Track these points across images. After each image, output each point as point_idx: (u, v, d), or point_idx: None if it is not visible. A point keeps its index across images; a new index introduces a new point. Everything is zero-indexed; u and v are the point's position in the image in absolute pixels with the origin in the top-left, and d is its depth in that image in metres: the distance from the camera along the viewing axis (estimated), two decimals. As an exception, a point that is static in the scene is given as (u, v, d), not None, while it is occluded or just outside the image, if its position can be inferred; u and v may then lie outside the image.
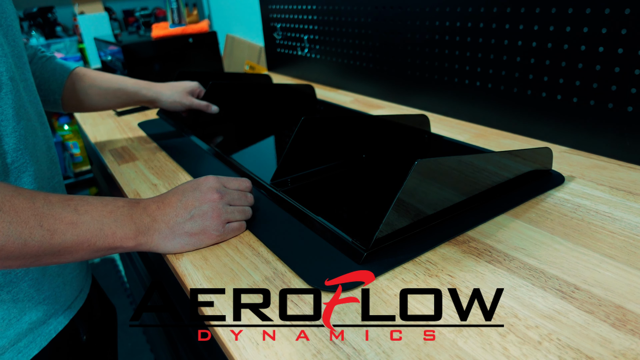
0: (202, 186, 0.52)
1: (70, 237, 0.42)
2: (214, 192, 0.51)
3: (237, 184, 0.55)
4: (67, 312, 0.57)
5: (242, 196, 0.54)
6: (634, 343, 0.34)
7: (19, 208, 0.40)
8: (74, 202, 0.44)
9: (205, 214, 0.50)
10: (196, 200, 0.50)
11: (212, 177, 0.53)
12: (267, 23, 1.44)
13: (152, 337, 1.23)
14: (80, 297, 0.61)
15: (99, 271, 2.10)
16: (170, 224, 0.49)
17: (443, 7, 0.85)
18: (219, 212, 0.51)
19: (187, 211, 0.49)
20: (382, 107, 1.03)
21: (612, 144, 0.66)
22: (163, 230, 0.48)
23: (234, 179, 0.55)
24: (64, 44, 2.02)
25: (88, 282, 0.65)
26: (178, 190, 0.52)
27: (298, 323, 0.39)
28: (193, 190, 0.51)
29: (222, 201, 0.51)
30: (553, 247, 0.47)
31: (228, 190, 0.53)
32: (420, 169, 0.45)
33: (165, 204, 0.50)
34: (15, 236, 0.39)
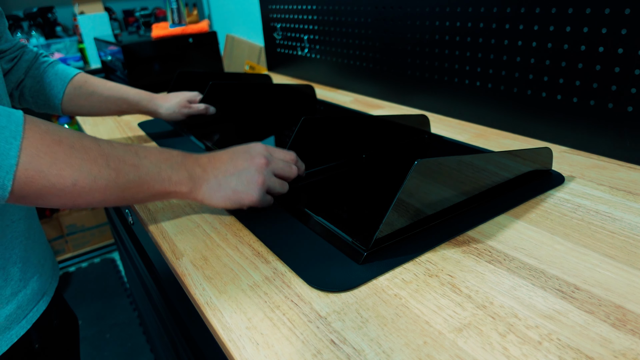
0: (252, 150, 0.55)
1: (133, 177, 0.46)
2: (263, 157, 0.54)
3: (283, 155, 0.58)
4: (30, 316, 0.56)
5: (286, 167, 0.57)
6: (634, 343, 0.34)
7: (88, 147, 0.43)
8: (134, 148, 0.48)
9: (252, 176, 0.53)
10: (245, 161, 0.54)
11: (261, 145, 0.57)
12: (267, 23, 1.44)
13: (152, 337, 1.23)
14: (43, 301, 0.60)
15: (98, 271, 2.10)
16: (219, 177, 0.52)
17: (443, 7, 0.85)
18: (264, 178, 0.54)
19: (236, 169, 0.53)
20: (382, 107, 1.03)
21: (612, 144, 0.66)
22: (211, 182, 0.52)
23: (280, 150, 0.59)
24: (64, 44, 2.02)
25: (53, 286, 0.64)
26: (229, 151, 0.55)
27: (298, 323, 0.39)
28: (244, 152, 0.55)
29: (268, 168, 0.54)
30: (553, 247, 0.47)
31: (274, 158, 0.56)
32: (420, 169, 0.45)
33: (216, 159, 0.54)
34: (87, 172, 0.42)
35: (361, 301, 0.41)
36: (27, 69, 0.76)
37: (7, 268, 0.53)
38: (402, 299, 0.41)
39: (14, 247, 0.54)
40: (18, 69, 0.75)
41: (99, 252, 2.22)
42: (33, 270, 0.58)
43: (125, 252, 1.09)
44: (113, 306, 1.85)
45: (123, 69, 1.54)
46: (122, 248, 1.18)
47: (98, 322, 1.76)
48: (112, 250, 2.25)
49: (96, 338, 1.67)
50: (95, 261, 2.19)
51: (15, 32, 2.00)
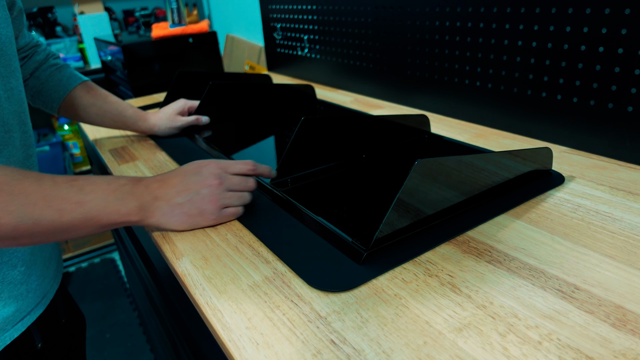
0: (204, 170, 0.54)
1: (78, 215, 0.45)
2: (214, 177, 0.53)
3: (239, 168, 0.57)
4: (27, 319, 0.56)
5: (242, 182, 0.56)
6: (634, 343, 0.34)
7: (29, 191, 0.43)
8: (79, 183, 0.46)
9: (204, 198, 0.52)
10: (196, 184, 0.52)
11: (214, 163, 0.55)
12: (267, 23, 1.44)
13: (152, 337, 1.23)
14: (43, 302, 0.60)
15: (98, 271, 2.10)
16: (171, 202, 0.51)
17: (443, 7, 0.85)
18: (217, 198, 0.53)
19: (187, 193, 0.52)
20: (382, 107, 1.03)
21: (612, 144, 0.66)
22: (163, 208, 0.51)
23: (236, 163, 0.57)
24: (64, 44, 2.02)
25: (54, 287, 0.64)
26: (180, 172, 0.54)
27: (298, 323, 0.39)
28: (194, 174, 0.53)
29: (221, 187, 0.53)
30: (553, 247, 0.47)
31: (229, 175, 0.55)
32: (420, 169, 0.45)
33: (167, 183, 0.52)
34: (27, 217, 0.42)
35: (361, 301, 0.41)
36: (34, 69, 0.77)
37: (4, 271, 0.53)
38: (402, 299, 0.41)
39: (15, 250, 0.54)
40: (25, 69, 0.76)
41: (99, 252, 2.22)
42: (38, 273, 0.58)
43: (125, 252, 1.09)
44: (113, 306, 1.85)
45: (123, 69, 1.54)
46: (122, 248, 1.18)
47: (98, 322, 1.76)
48: (112, 250, 2.25)
49: (96, 338, 1.67)
50: (95, 261, 2.19)
51: (15, 32, 1.99)
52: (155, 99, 1.27)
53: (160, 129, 0.88)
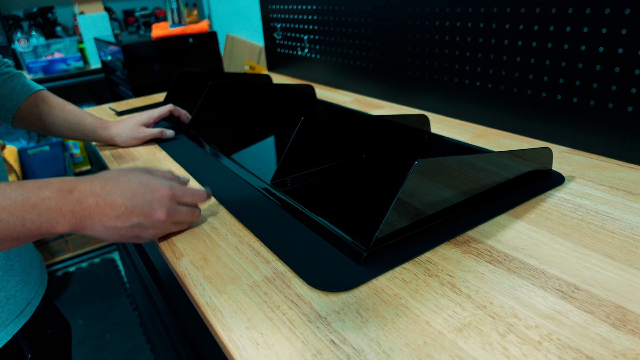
0: (154, 199, 0.48)
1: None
2: (164, 211, 0.49)
3: (192, 199, 0.53)
4: (11, 327, 0.54)
5: (188, 214, 0.53)
6: (634, 343, 0.34)
7: None
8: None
9: (146, 229, 0.49)
10: (142, 213, 0.48)
11: (167, 191, 0.50)
12: (267, 23, 1.44)
13: (152, 337, 1.23)
14: (27, 310, 0.58)
15: (98, 271, 2.10)
16: (107, 224, 0.46)
17: (443, 7, 0.85)
18: (158, 232, 0.51)
19: (129, 220, 0.47)
20: (382, 107, 1.03)
21: (612, 144, 0.66)
22: (96, 227, 0.46)
23: (191, 194, 0.53)
24: (64, 44, 2.02)
25: (39, 294, 0.62)
26: (128, 190, 0.47)
27: (298, 323, 0.39)
28: (143, 200, 0.48)
29: (167, 222, 0.50)
30: (553, 247, 0.47)
31: (179, 208, 0.51)
32: (420, 169, 0.45)
33: (108, 203, 0.46)
34: None
35: (361, 301, 0.41)
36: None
37: None
38: (402, 299, 0.41)
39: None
40: None
41: (99, 252, 2.22)
42: (17, 279, 0.56)
43: (125, 252, 1.09)
44: (113, 306, 1.85)
45: (123, 69, 1.54)
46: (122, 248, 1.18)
47: (98, 322, 1.76)
48: (112, 250, 2.25)
49: (96, 338, 1.67)
50: (95, 261, 2.19)
51: (16, 32, 2.00)
52: (155, 99, 1.27)
53: (122, 138, 0.85)
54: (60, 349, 0.69)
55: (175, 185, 0.51)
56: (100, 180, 0.47)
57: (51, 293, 1.99)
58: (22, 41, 1.95)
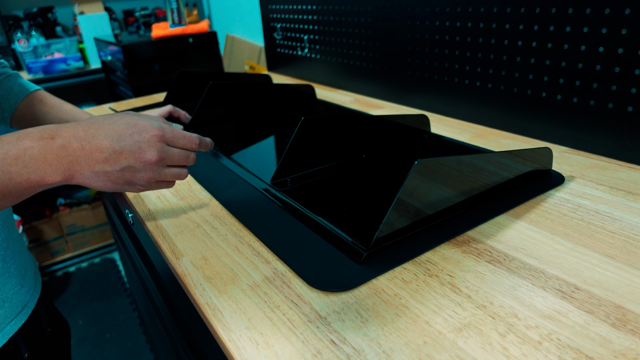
0: (143, 140, 0.45)
1: None
2: (155, 152, 0.45)
3: (184, 143, 0.49)
4: (7, 329, 0.54)
5: (182, 157, 0.49)
6: (634, 343, 0.34)
7: None
8: None
9: (137, 172, 0.45)
10: (132, 155, 0.44)
11: (157, 131, 0.46)
12: (267, 23, 1.44)
13: (152, 337, 1.23)
14: (24, 312, 0.58)
15: (98, 271, 2.10)
16: (95, 169, 0.43)
17: (443, 7, 0.85)
18: (152, 175, 0.46)
19: (118, 162, 0.44)
20: (382, 107, 1.03)
21: (612, 144, 0.66)
22: (85, 173, 0.43)
23: (182, 137, 0.49)
24: (64, 44, 2.02)
25: (35, 296, 0.62)
26: (114, 131, 0.44)
27: (298, 323, 0.39)
28: (132, 141, 0.44)
29: (159, 164, 0.46)
30: (553, 247, 0.47)
31: (171, 149, 0.48)
32: (420, 169, 0.45)
33: (93, 146, 0.43)
34: None
35: (361, 301, 0.41)
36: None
37: None
38: (402, 299, 0.41)
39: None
40: None
41: (99, 252, 2.22)
42: (13, 281, 0.56)
43: (125, 252, 1.09)
44: (113, 306, 1.85)
45: (123, 69, 1.54)
46: (122, 248, 1.18)
47: (98, 322, 1.76)
48: (112, 250, 2.25)
49: (96, 338, 1.67)
50: (95, 261, 2.19)
51: (16, 32, 2.00)
52: (155, 99, 1.27)
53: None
54: (59, 349, 0.69)
55: (165, 126, 0.48)
56: (84, 125, 0.45)
57: (51, 293, 1.99)
58: (22, 41, 1.95)
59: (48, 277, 2.07)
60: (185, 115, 0.95)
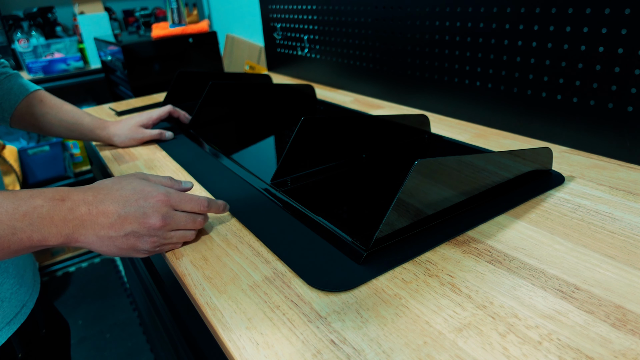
0: (148, 205, 0.46)
1: None
2: (159, 217, 0.46)
3: (191, 207, 0.50)
4: (6, 330, 0.54)
5: (189, 221, 0.50)
6: (634, 343, 0.34)
7: None
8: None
9: (141, 237, 0.46)
10: (136, 220, 0.45)
11: (162, 197, 0.47)
12: (267, 23, 1.44)
13: (152, 337, 1.23)
14: (22, 312, 0.58)
15: (98, 271, 2.10)
16: (100, 234, 0.44)
17: (443, 7, 0.85)
18: (156, 240, 0.47)
19: (122, 228, 0.45)
20: (382, 107, 1.03)
21: (612, 144, 0.66)
22: (90, 237, 0.44)
23: (189, 200, 0.50)
24: (64, 44, 2.02)
25: (34, 296, 0.62)
26: (120, 197, 0.46)
27: (298, 323, 0.39)
28: (136, 207, 0.46)
29: (164, 228, 0.47)
30: (553, 247, 0.47)
31: (176, 214, 0.48)
32: (420, 169, 0.45)
33: (100, 211, 0.44)
34: None
35: (361, 301, 0.41)
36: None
37: None
38: (402, 299, 0.41)
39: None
40: None
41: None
42: (11, 281, 0.56)
43: (125, 252, 1.09)
44: (113, 306, 1.85)
45: (123, 69, 1.54)
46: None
47: (98, 322, 1.76)
48: (112, 250, 2.25)
49: (96, 338, 1.67)
50: (95, 261, 2.19)
51: (16, 32, 2.00)
52: (155, 99, 1.27)
53: (120, 139, 0.84)
54: (56, 349, 0.68)
55: (172, 191, 0.49)
56: (94, 190, 0.46)
57: (51, 293, 1.99)
58: (22, 41, 1.95)
59: (48, 277, 2.07)
60: (185, 115, 0.95)
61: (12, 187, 1.91)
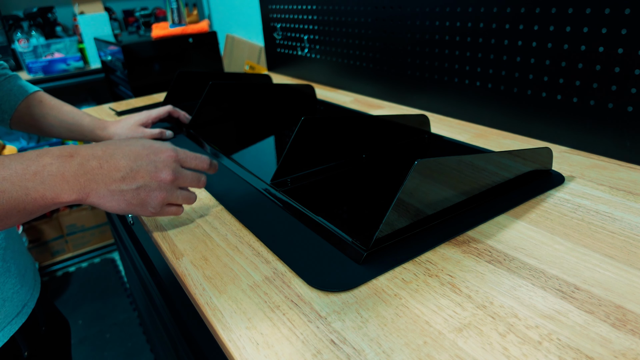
0: (159, 160, 0.48)
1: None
2: (169, 172, 0.48)
3: (196, 163, 0.53)
4: (8, 329, 0.55)
5: (194, 179, 0.52)
6: (634, 343, 0.34)
7: None
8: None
9: (152, 192, 0.47)
10: (148, 174, 0.47)
11: (171, 152, 0.49)
12: (267, 23, 1.44)
13: (152, 337, 1.23)
14: (24, 312, 0.58)
15: (98, 271, 2.10)
16: (112, 187, 0.45)
17: (443, 7, 0.85)
18: (165, 195, 0.49)
19: (134, 181, 0.46)
20: (382, 107, 1.03)
21: (612, 144, 0.66)
22: (101, 191, 0.44)
23: (194, 157, 0.53)
24: (64, 44, 2.02)
25: (34, 296, 0.62)
26: (130, 152, 0.47)
27: (298, 323, 0.39)
28: (148, 161, 0.47)
29: (173, 184, 0.49)
30: (553, 247, 0.47)
31: (184, 171, 0.51)
32: (420, 169, 0.45)
33: (111, 165, 0.45)
34: None
35: (361, 301, 0.41)
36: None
37: None
38: (402, 299, 0.41)
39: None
40: None
41: (99, 252, 2.22)
42: (13, 281, 0.57)
43: (125, 252, 1.09)
44: (113, 306, 1.85)
45: (123, 69, 1.54)
46: (122, 248, 1.18)
47: (98, 322, 1.76)
48: (112, 250, 2.25)
49: (96, 338, 1.67)
50: (95, 261, 2.19)
51: (16, 32, 2.00)
52: (155, 99, 1.27)
53: (120, 138, 0.83)
54: (57, 347, 0.69)
55: (179, 148, 0.51)
56: (102, 145, 0.46)
57: (51, 293, 1.99)
58: (22, 41, 1.95)
59: (48, 277, 2.07)
60: (185, 116, 0.95)
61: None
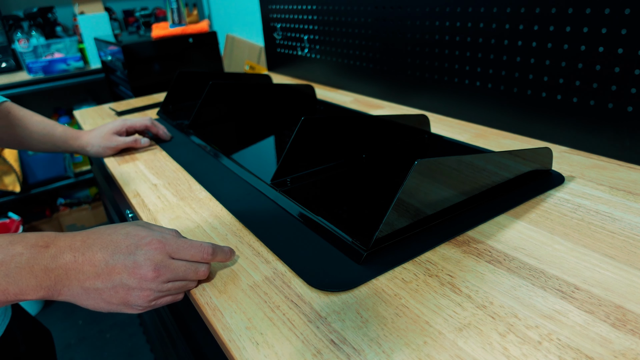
0: (140, 252, 0.40)
1: None
2: (151, 268, 0.40)
3: (192, 254, 0.43)
4: None
5: (189, 271, 0.43)
6: (634, 343, 0.34)
7: None
8: None
9: (131, 290, 0.40)
10: (125, 270, 0.39)
11: (157, 243, 0.41)
12: (267, 23, 1.44)
13: (152, 337, 1.23)
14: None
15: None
16: (85, 285, 0.39)
17: (443, 7, 0.85)
18: (149, 293, 0.41)
19: (110, 279, 0.39)
20: (382, 107, 1.03)
21: (612, 144, 0.66)
22: (74, 289, 0.39)
23: (190, 247, 0.43)
24: (64, 44, 2.02)
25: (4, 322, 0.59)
26: (110, 242, 0.40)
27: (298, 323, 0.39)
28: (126, 254, 0.40)
29: (157, 280, 0.40)
30: (553, 247, 0.47)
31: (173, 263, 0.42)
32: (420, 169, 0.45)
33: (86, 258, 0.39)
34: None
35: (361, 301, 0.41)
36: None
37: None
38: (402, 299, 0.41)
39: None
40: None
41: (99, 252, 2.22)
42: None
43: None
44: (113, 306, 1.84)
45: (123, 69, 1.54)
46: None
47: (98, 322, 1.76)
48: (112, 250, 2.25)
49: (96, 338, 1.67)
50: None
51: (16, 32, 2.00)
52: (155, 99, 1.27)
53: (94, 148, 0.81)
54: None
55: (169, 236, 0.43)
56: (84, 234, 0.41)
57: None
58: (22, 41, 1.95)
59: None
60: (164, 132, 0.89)
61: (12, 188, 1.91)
